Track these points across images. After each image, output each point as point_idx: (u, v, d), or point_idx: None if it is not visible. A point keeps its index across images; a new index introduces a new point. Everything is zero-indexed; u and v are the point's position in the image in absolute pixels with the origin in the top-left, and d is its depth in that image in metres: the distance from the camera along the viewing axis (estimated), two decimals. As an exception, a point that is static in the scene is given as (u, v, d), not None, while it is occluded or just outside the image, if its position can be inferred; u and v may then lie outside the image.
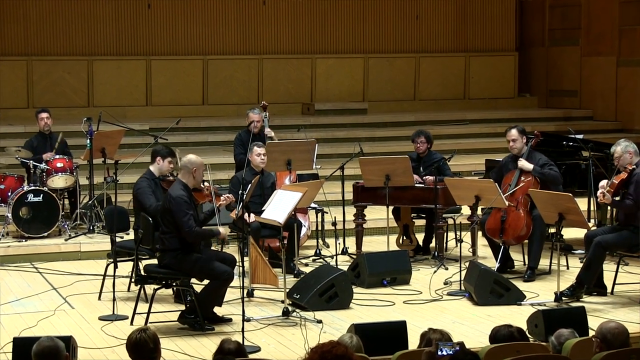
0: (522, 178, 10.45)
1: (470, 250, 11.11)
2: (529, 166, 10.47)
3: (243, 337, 7.85)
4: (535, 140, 10.74)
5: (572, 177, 11.83)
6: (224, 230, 8.89)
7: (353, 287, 9.67)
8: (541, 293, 9.78)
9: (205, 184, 9.03)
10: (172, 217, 8.58)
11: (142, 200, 9.59)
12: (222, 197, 9.18)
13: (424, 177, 11.20)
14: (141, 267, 9.18)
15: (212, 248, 9.77)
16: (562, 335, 6.30)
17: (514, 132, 10.63)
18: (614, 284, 9.83)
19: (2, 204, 11.91)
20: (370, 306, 9.45)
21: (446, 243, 11.37)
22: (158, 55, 17.70)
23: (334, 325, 8.73)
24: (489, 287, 9.43)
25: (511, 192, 10.34)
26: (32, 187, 11.70)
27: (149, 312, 8.67)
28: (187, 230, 8.53)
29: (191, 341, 8.34)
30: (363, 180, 11.30)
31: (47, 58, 17.07)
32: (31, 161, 11.98)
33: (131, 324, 8.74)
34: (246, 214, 9.59)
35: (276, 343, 8.29)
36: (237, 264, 9.34)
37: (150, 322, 8.55)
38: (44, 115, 12.58)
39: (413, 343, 7.02)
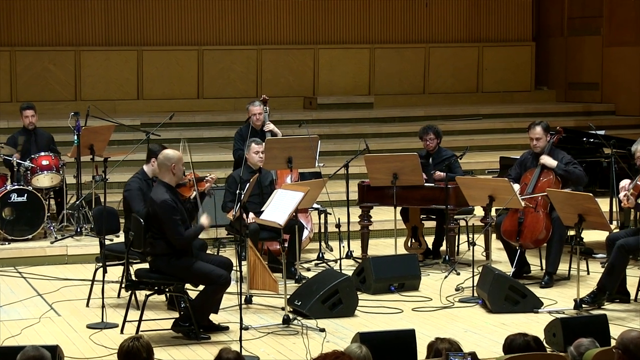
0: (542, 177, 10.44)
1: (484, 254, 11.13)
2: (552, 162, 10.42)
3: (241, 346, 7.88)
4: (557, 137, 10.73)
5: (593, 176, 11.83)
6: (207, 220, 8.70)
7: (358, 293, 9.69)
8: (559, 300, 9.79)
9: (186, 173, 8.87)
10: (158, 223, 8.56)
11: (131, 204, 9.59)
12: (204, 180, 8.94)
13: (432, 172, 11.17)
14: (132, 272, 9.20)
15: (208, 252, 9.79)
16: (582, 345, 6.30)
17: (538, 130, 10.50)
18: (638, 290, 9.84)
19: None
20: (377, 314, 9.47)
21: (458, 246, 11.37)
22: (150, 46, 17.72)
23: (338, 334, 8.75)
24: (503, 294, 9.44)
25: (530, 193, 10.33)
26: (16, 186, 11.71)
27: (140, 320, 8.68)
28: (176, 237, 8.50)
29: (185, 351, 8.36)
30: (369, 179, 11.32)
31: (32, 48, 17.10)
32: (14, 158, 11.99)
33: (121, 332, 8.76)
34: (244, 215, 9.61)
35: (276, 353, 8.31)
36: (234, 268, 9.36)
37: (141, 331, 8.56)
38: (29, 112, 12.55)
39: (422, 353, 7.03)
